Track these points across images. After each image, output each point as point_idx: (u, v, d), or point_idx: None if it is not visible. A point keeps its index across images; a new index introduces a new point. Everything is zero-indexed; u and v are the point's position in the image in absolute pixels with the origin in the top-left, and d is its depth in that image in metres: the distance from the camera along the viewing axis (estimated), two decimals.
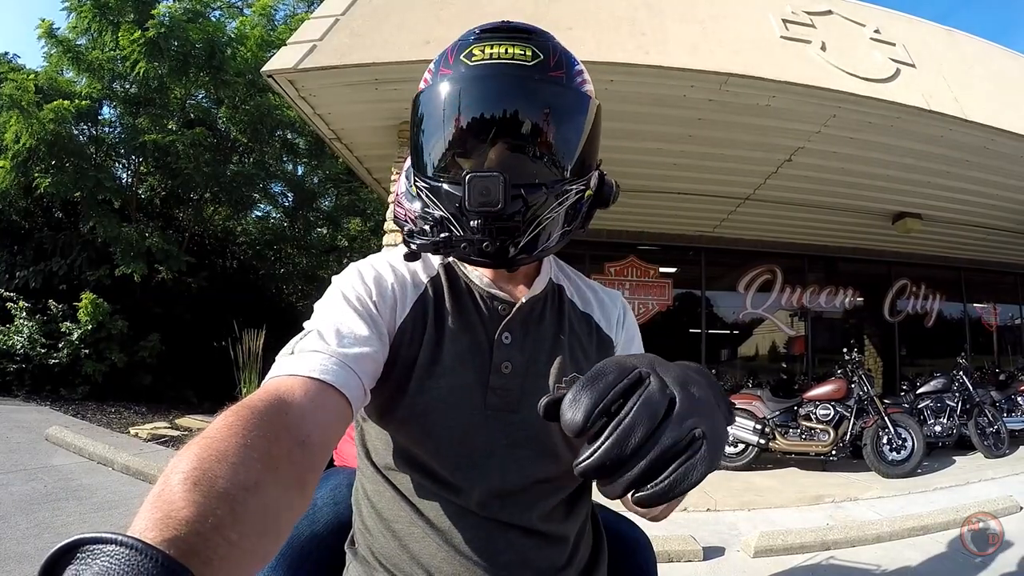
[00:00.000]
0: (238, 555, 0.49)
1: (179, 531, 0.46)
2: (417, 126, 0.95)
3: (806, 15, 5.78)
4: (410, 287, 0.97)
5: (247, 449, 0.57)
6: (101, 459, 5.70)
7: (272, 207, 14.15)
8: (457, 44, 0.95)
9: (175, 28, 9.28)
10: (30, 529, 3.93)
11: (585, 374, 0.55)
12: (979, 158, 6.51)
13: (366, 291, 0.92)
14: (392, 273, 0.97)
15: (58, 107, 8.70)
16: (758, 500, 5.49)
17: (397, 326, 0.93)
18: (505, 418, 0.94)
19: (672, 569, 3.99)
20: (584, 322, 1.08)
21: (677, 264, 9.94)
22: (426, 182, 0.93)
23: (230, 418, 0.60)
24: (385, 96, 5.51)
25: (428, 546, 0.91)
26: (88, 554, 0.40)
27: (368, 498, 0.99)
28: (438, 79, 0.92)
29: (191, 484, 0.50)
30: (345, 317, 0.86)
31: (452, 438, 0.91)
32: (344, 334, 0.82)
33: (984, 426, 7.05)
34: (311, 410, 0.70)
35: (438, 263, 1.03)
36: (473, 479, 0.91)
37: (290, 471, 0.61)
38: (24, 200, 10.21)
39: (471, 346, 0.95)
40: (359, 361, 0.80)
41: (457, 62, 0.92)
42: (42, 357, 8.59)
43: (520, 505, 0.93)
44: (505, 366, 0.95)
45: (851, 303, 10.73)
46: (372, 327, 0.87)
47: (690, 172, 7.06)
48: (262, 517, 0.54)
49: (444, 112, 0.90)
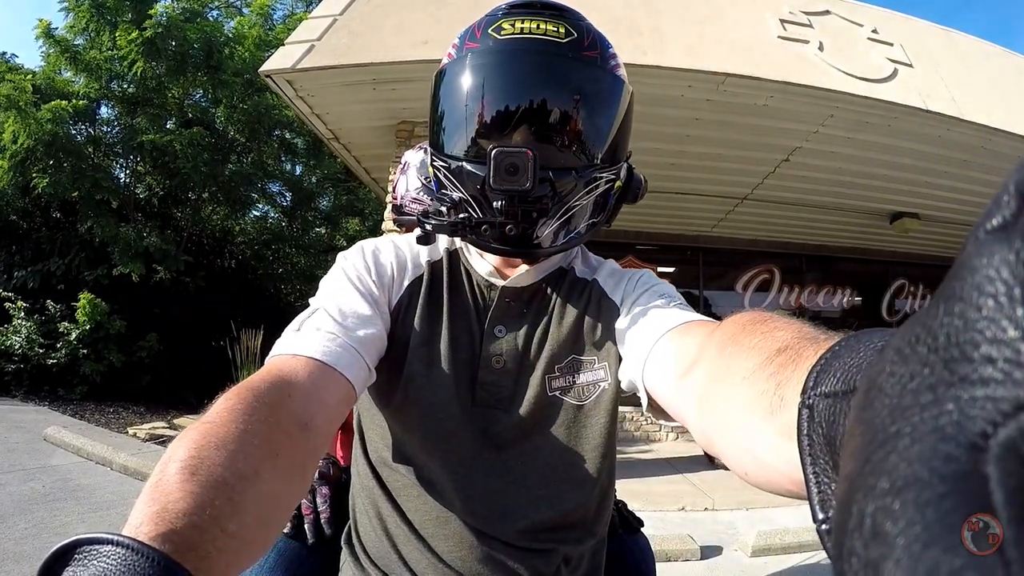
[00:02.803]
0: (236, 546, 0.49)
1: (175, 525, 0.45)
2: (438, 102, 0.90)
3: (804, 15, 5.79)
4: (409, 268, 0.95)
5: (247, 435, 0.55)
6: (99, 459, 5.69)
7: (270, 207, 14.12)
8: (485, 18, 0.89)
9: (173, 28, 9.28)
10: (28, 529, 3.92)
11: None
12: (977, 158, 6.52)
13: (365, 268, 0.91)
14: (393, 252, 0.95)
15: (56, 107, 8.71)
16: (756, 499, 5.48)
17: (393, 305, 0.92)
18: (493, 416, 0.91)
19: (670, 568, 3.99)
20: (585, 292, 0.97)
21: (675, 264, 9.93)
22: (445, 161, 0.88)
23: (231, 400, 0.59)
24: (383, 96, 5.51)
25: (412, 551, 0.90)
26: (85, 555, 0.40)
27: (361, 493, 0.98)
28: (463, 53, 0.87)
29: (188, 474, 0.49)
30: (348, 296, 0.85)
31: (438, 433, 0.89)
32: (347, 313, 0.81)
33: None
34: (314, 392, 0.68)
35: (443, 249, 0.98)
36: (459, 480, 0.89)
37: (291, 456, 0.60)
38: (22, 200, 10.19)
39: (465, 335, 0.93)
40: (363, 342, 0.79)
41: (485, 36, 0.86)
42: (40, 357, 8.59)
43: (507, 514, 0.90)
44: (496, 360, 0.92)
45: (849, 303, 10.73)
46: (373, 306, 0.86)
47: (688, 172, 7.07)
48: (261, 506, 0.54)
49: (469, 88, 0.85)
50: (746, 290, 10.07)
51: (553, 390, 0.92)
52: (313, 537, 1.09)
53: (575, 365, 0.93)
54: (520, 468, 0.91)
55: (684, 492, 5.65)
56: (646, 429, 8.59)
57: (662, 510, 5.11)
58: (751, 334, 0.57)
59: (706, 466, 6.72)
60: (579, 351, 0.94)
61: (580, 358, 0.93)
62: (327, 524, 1.10)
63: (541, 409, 0.91)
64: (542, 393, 0.91)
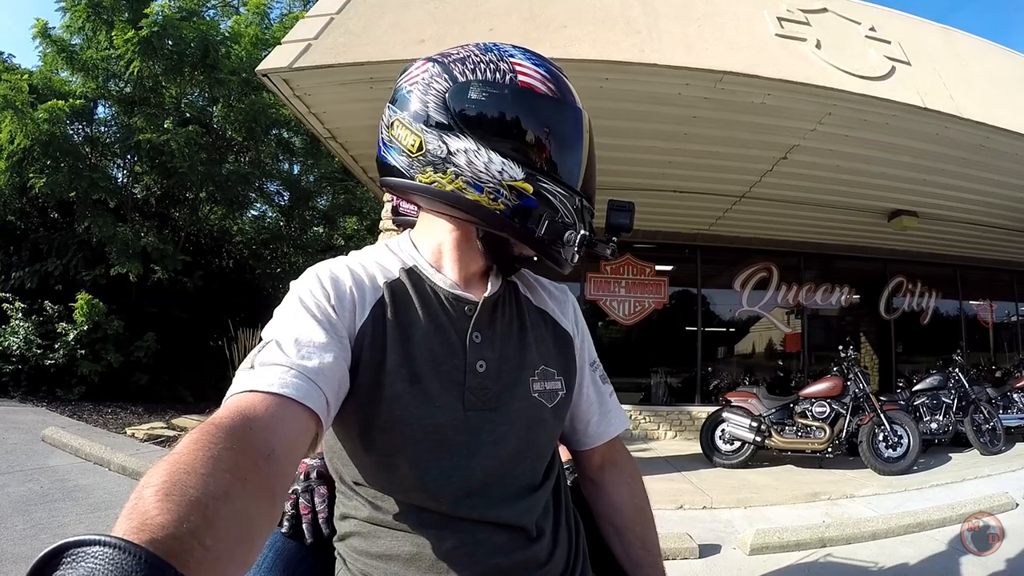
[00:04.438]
0: (213, 559, 0.50)
1: (156, 534, 0.46)
2: (545, 131, 0.97)
3: (801, 13, 5.79)
4: (368, 290, 0.95)
5: (215, 461, 0.57)
6: (98, 460, 5.69)
7: (268, 206, 14.12)
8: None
9: (169, 27, 9.25)
10: (27, 530, 3.92)
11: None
12: (975, 156, 6.53)
13: (324, 295, 0.91)
14: (350, 276, 0.95)
15: (53, 107, 8.69)
16: (754, 497, 5.50)
17: (357, 329, 0.91)
18: (485, 416, 0.94)
19: (668, 567, 3.94)
20: (540, 316, 1.10)
21: (673, 262, 9.96)
22: (565, 189, 0.96)
23: (196, 435, 0.61)
24: (380, 95, 5.49)
25: (394, 564, 0.92)
26: (73, 558, 0.40)
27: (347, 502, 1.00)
28: (573, 100, 1.01)
29: (163, 495, 0.51)
30: (304, 325, 0.85)
31: (434, 441, 0.90)
32: (303, 343, 0.81)
33: (980, 423, 7.09)
34: (274, 425, 0.69)
35: (398, 268, 1.01)
36: (454, 479, 0.90)
37: (258, 482, 0.62)
38: (19, 200, 10.18)
39: (444, 347, 0.95)
40: (319, 372, 0.79)
41: (568, 90, 1.01)
42: (38, 358, 8.59)
43: (500, 502, 0.94)
44: (480, 365, 0.96)
45: (847, 300, 10.77)
46: (332, 334, 0.85)
47: (685, 170, 7.07)
48: (235, 524, 0.55)
49: (583, 144, 1.00)
50: (744, 288, 10.11)
51: (534, 392, 1.00)
52: (311, 537, 1.10)
53: (546, 374, 1.03)
54: (509, 463, 0.96)
55: (683, 491, 5.65)
56: (644, 427, 8.61)
57: (660, 508, 5.12)
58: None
59: (704, 464, 6.74)
60: (547, 366, 1.04)
61: (548, 368, 1.04)
62: (325, 524, 1.10)
63: (527, 409, 0.99)
64: (526, 392, 0.99)
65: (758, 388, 7.25)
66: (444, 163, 0.92)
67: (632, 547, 1.17)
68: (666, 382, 9.93)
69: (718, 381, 9.49)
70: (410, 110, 0.94)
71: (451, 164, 0.92)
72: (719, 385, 9.21)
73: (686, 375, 10.01)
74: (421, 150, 0.93)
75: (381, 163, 1.01)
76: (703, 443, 6.90)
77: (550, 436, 1.04)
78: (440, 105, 0.93)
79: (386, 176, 1.01)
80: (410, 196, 1.01)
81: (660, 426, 8.69)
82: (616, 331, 10.01)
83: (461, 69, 0.94)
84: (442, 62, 0.96)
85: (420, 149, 0.93)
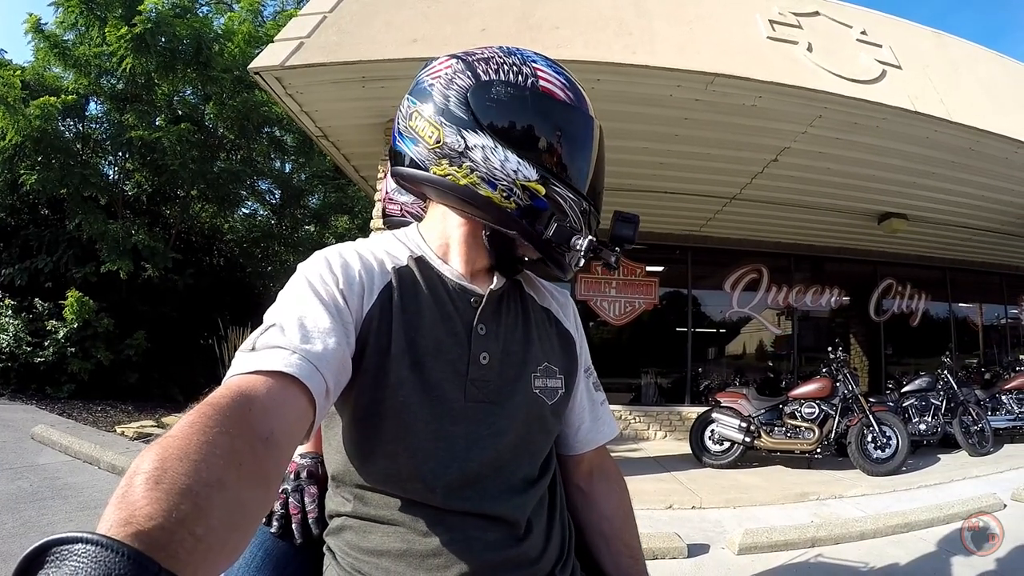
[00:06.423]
0: (204, 549, 0.50)
1: (143, 527, 0.46)
2: (561, 135, 1.00)
3: (793, 16, 5.81)
4: (377, 275, 0.96)
5: (209, 446, 0.56)
6: (87, 458, 5.67)
7: (259, 204, 14.10)
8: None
9: (162, 24, 9.23)
10: (16, 528, 3.91)
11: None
12: (965, 159, 6.57)
13: (332, 279, 0.91)
14: (359, 260, 0.96)
15: (44, 103, 8.65)
16: (743, 498, 5.52)
17: (365, 314, 0.92)
18: (486, 409, 0.95)
19: (657, 566, 4.00)
20: (544, 315, 1.13)
21: (664, 263, 9.97)
22: (575, 194, 0.99)
23: (193, 416, 0.60)
24: (372, 94, 5.50)
25: (385, 559, 0.92)
26: (57, 556, 0.40)
27: (336, 497, 1.00)
28: (588, 110, 1.05)
29: (153, 483, 0.50)
30: (308, 308, 0.84)
31: (434, 430, 0.91)
32: (307, 327, 0.81)
33: (968, 424, 7.13)
34: (273, 407, 0.69)
35: (406, 256, 1.01)
36: (451, 469, 0.91)
37: (254, 468, 0.61)
38: (10, 197, 10.12)
39: (449, 336, 0.96)
40: (322, 356, 0.78)
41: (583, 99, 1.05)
42: (28, 355, 8.54)
43: (494, 495, 0.94)
44: (483, 357, 0.97)
45: (837, 302, 10.82)
46: (336, 318, 0.85)
47: (676, 171, 7.10)
48: (228, 512, 0.54)
49: (591, 147, 1.04)
50: (734, 289, 10.14)
51: (535, 388, 1.01)
52: (300, 536, 1.09)
53: (548, 371, 1.05)
54: (507, 456, 0.96)
55: (672, 490, 5.67)
56: (635, 427, 8.63)
57: (650, 508, 5.13)
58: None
59: (694, 464, 6.76)
60: (549, 359, 1.06)
61: (551, 366, 1.06)
62: (315, 524, 1.09)
63: (527, 404, 1.00)
64: (528, 387, 1.01)
65: (748, 389, 7.28)
66: (460, 157, 0.93)
67: (620, 555, 1.17)
68: (656, 382, 9.96)
69: (708, 382, 9.52)
70: (431, 103, 0.96)
71: (467, 159, 0.93)
72: (709, 386, 9.23)
73: (676, 376, 10.02)
74: (438, 143, 0.94)
75: (395, 152, 1.03)
76: (693, 443, 6.92)
77: (548, 433, 1.05)
78: (461, 101, 0.94)
79: (398, 166, 1.01)
80: (422, 187, 1.01)
81: (650, 426, 8.70)
82: (607, 331, 10.01)
83: (484, 68, 0.96)
84: (466, 60, 0.98)
85: (437, 142, 0.94)
